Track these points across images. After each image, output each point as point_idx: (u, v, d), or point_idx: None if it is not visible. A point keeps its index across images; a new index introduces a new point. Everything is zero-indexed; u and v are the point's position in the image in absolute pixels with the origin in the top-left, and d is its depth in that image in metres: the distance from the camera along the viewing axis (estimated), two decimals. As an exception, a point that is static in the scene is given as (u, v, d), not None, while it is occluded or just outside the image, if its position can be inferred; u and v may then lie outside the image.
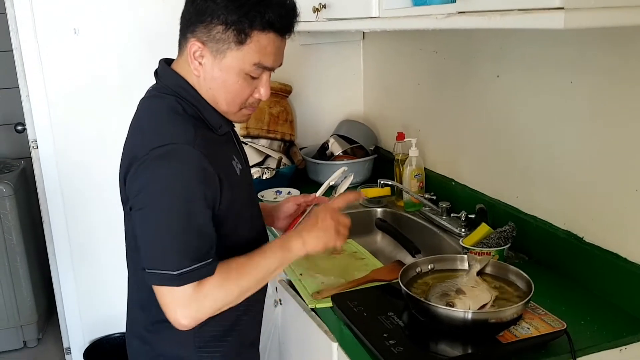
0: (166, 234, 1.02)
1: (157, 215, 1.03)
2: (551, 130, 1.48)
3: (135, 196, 1.05)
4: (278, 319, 1.62)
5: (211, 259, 1.05)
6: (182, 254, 1.02)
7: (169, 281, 1.02)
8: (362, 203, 2.04)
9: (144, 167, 1.03)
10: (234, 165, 1.16)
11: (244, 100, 1.13)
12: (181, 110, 1.10)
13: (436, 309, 1.16)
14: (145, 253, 1.05)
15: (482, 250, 1.48)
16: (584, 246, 1.40)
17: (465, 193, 1.84)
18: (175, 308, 1.03)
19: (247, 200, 1.21)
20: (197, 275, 1.03)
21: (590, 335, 1.21)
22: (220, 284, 1.06)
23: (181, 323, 1.04)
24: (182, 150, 1.03)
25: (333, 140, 2.31)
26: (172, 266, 1.01)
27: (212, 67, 1.09)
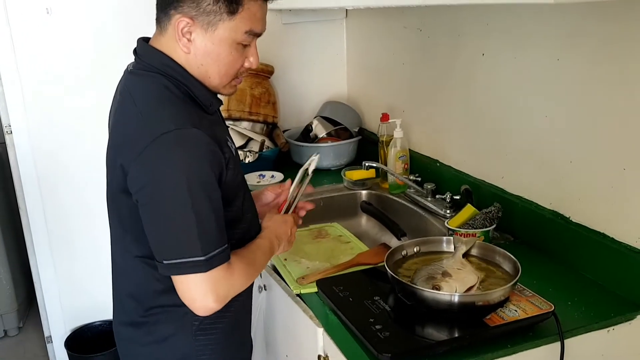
0: (186, 222, 1.00)
1: (175, 202, 1.00)
2: (537, 108, 1.46)
3: (145, 187, 1.01)
4: (263, 305, 1.60)
5: (227, 244, 1.06)
6: (206, 239, 1.01)
7: (197, 268, 1.01)
8: (347, 185, 2.01)
9: (154, 153, 0.99)
10: (229, 145, 1.14)
11: (236, 70, 1.13)
12: (173, 89, 1.07)
13: (422, 292, 1.14)
14: (164, 244, 1.02)
15: (468, 232, 1.47)
16: (571, 226, 1.39)
17: (450, 174, 1.81)
18: (206, 292, 1.02)
19: (242, 183, 1.21)
20: (222, 258, 1.03)
21: (578, 317, 1.20)
22: (243, 266, 1.09)
23: (211, 307, 1.04)
24: (191, 134, 1.01)
25: (317, 122, 2.27)
26: (199, 252, 1.00)
27: (203, 42, 1.07)
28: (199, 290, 1.02)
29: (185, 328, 1.16)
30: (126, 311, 1.22)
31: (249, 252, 1.15)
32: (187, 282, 1.02)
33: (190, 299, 1.04)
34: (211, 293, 1.03)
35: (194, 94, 1.10)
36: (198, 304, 1.04)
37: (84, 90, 2.14)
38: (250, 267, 1.11)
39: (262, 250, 1.18)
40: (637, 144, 1.21)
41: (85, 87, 2.14)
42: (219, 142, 1.07)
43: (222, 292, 1.04)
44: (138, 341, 1.20)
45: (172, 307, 1.13)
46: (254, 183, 2.01)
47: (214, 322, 1.18)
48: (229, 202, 1.12)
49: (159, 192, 1.00)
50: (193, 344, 1.17)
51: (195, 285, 1.02)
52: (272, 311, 1.56)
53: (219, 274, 1.03)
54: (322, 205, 1.90)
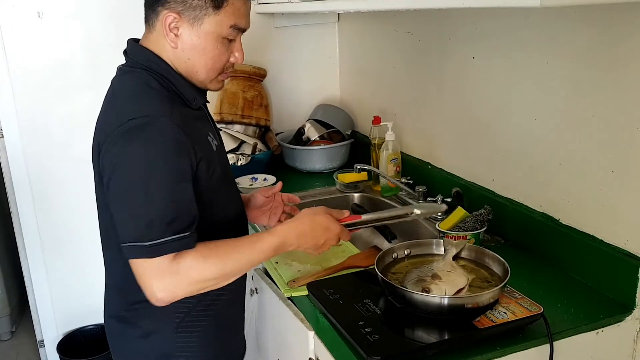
0: (140, 206, 1.00)
1: (132, 187, 1.01)
2: (527, 111, 1.47)
3: (109, 170, 1.03)
4: (255, 308, 1.60)
5: (189, 232, 1.03)
6: (156, 226, 1.00)
7: (142, 253, 1.00)
8: (339, 188, 2.01)
9: (118, 139, 1.01)
10: (209, 141, 1.15)
11: (222, 64, 1.15)
12: (155, 83, 1.10)
13: (412, 294, 1.14)
14: (121, 227, 1.03)
15: (458, 234, 1.47)
16: (561, 229, 1.40)
17: (441, 177, 1.82)
18: (150, 280, 1.01)
19: (224, 179, 1.20)
20: (171, 247, 1.00)
21: (567, 319, 1.21)
22: (198, 262, 1.03)
23: (157, 297, 1.01)
24: (158, 122, 1.02)
25: (309, 125, 2.28)
26: (145, 238, 0.99)
27: (189, 36, 1.10)
28: (143, 277, 1.01)
29: (167, 323, 1.16)
30: (113, 305, 1.23)
31: (227, 243, 1.09)
32: (137, 266, 1.02)
33: (140, 284, 1.03)
34: (157, 280, 1.00)
35: (177, 89, 1.12)
36: (147, 291, 1.02)
37: (75, 94, 2.14)
38: (208, 261, 1.04)
39: (257, 246, 1.11)
40: (626, 147, 1.22)
41: (76, 90, 2.14)
42: (195, 136, 1.08)
43: (167, 282, 1.01)
44: (124, 335, 1.21)
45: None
46: (246, 186, 2.01)
47: (196, 319, 1.18)
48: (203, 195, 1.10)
49: (118, 176, 1.02)
50: (174, 341, 1.17)
51: (141, 271, 1.01)
52: (263, 314, 1.56)
53: (163, 264, 1.00)
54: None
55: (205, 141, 1.13)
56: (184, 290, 1.04)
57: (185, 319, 1.17)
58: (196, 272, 1.03)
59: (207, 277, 1.05)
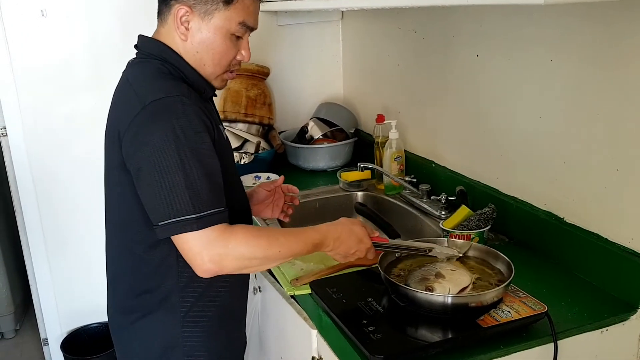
0: (180, 181, 1.02)
1: (168, 164, 1.02)
2: (531, 109, 1.46)
3: (139, 153, 1.04)
4: (258, 306, 1.60)
5: (224, 207, 1.06)
6: (198, 199, 1.02)
7: (189, 226, 1.02)
8: (342, 187, 2.01)
9: (144, 121, 1.04)
10: (221, 129, 1.19)
11: (229, 61, 1.18)
12: (167, 71, 1.13)
13: (415, 293, 1.13)
14: (156, 206, 1.04)
15: (463, 233, 1.47)
16: (565, 227, 1.39)
17: (445, 175, 1.81)
18: (202, 251, 1.03)
19: (233, 169, 1.23)
20: (215, 219, 1.03)
21: (572, 318, 1.20)
22: (248, 239, 1.06)
23: (206, 267, 1.04)
24: (180, 101, 1.05)
25: (312, 123, 2.27)
26: (190, 210, 1.01)
27: (199, 30, 1.13)
28: (193, 250, 1.03)
29: (173, 314, 1.17)
30: (118, 297, 1.24)
31: (273, 230, 1.15)
32: (183, 241, 1.03)
33: (189, 260, 1.05)
34: (205, 253, 1.03)
35: (188, 80, 1.15)
36: (195, 264, 1.05)
37: (79, 92, 2.14)
38: (260, 241, 1.08)
39: (301, 237, 1.15)
40: (630, 145, 1.21)
41: (80, 89, 2.14)
42: (211, 120, 1.11)
43: (216, 253, 1.03)
44: (128, 327, 1.21)
45: (159, 292, 1.15)
46: (249, 184, 2.00)
47: (202, 310, 1.19)
48: None
49: (148, 156, 1.03)
50: (180, 331, 1.18)
51: (189, 245, 1.03)
52: (266, 312, 1.56)
53: (212, 235, 1.03)
54: (318, 206, 1.91)
55: (217, 130, 1.15)
56: (232, 264, 1.06)
57: (193, 308, 1.17)
58: (245, 248, 1.06)
59: (254, 255, 1.08)
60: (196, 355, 1.20)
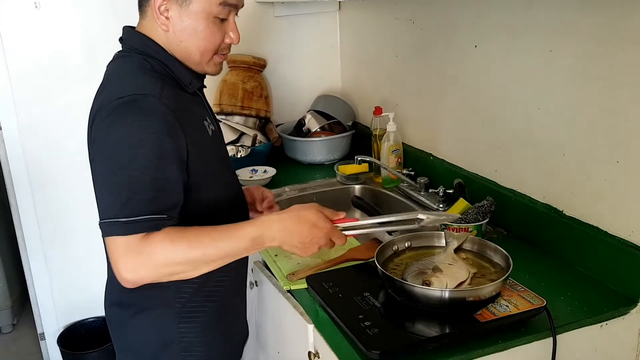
0: (121, 182, 0.98)
1: (115, 164, 0.99)
2: (530, 100, 1.44)
3: (95, 146, 1.04)
4: (254, 301, 1.58)
5: (167, 215, 1.01)
6: (134, 203, 0.97)
7: (115, 230, 0.97)
8: (340, 180, 1.99)
9: (106, 116, 1.02)
10: (205, 125, 1.14)
11: (216, 45, 1.13)
12: (149, 66, 1.10)
13: (412, 288, 1.12)
14: (100, 203, 1.02)
15: (460, 226, 1.45)
16: (564, 220, 1.37)
17: (443, 168, 1.80)
18: (118, 258, 0.97)
19: (220, 164, 1.19)
20: (143, 226, 0.97)
21: (571, 312, 1.19)
22: (164, 245, 0.99)
23: (122, 276, 0.99)
24: (146, 101, 1.02)
25: (310, 116, 2.25)
26: (121, 214, 0.97)
27: (180, 18, 1.09)
28: (113, 254, 0.98)
29: (168, 309, 1.15)
30: (114, 291, 1.21)
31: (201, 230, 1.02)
32: (109, 244, 0.99)
33: (112, 264, 1.00)
34: (122, 261, 0.97)
35: (173, 73, 1.12)
36: (115, 270, 0.99)
37: (73, 85, 2.12)
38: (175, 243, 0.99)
39: (233, 234, 1.04)
40: (630, 137, 1.19)
41: (75, 82, 2.12)
42: (188, 119, 1.07)
43: (131, 262, 0.97)
44: (125, 322, 1.20)
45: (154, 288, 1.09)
46: (246, 178, 1.99)
47: (198, 306, 1.17)
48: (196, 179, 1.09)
49: (102, 153, 1.01)
50: (176, 327, 1.16)
51: (114, 248, 0.98)
52: (262, 307, 1.55)
53: (133, 242, 0.97)
54: (315, 200, 1.89)
55: (200, 125, 1.12)
56: (149, 273, 0.99)
57: (187, 304, 1.16)
58: (160, 255, 0.98)
59: (172, 261, 1.00)
60: (194, 351, 1.19)
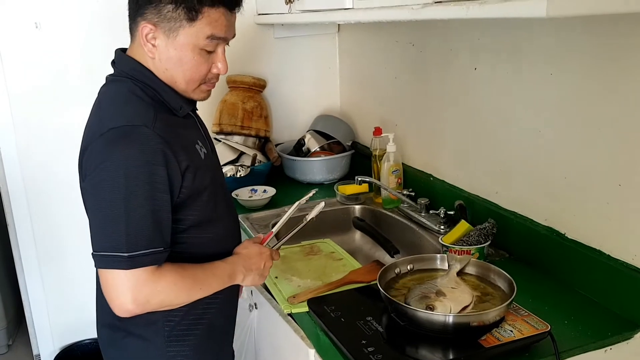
0: (118, 215, 1.00)
1: (109, 195, 1.00)
2: (531, 123, 1.44)
3: (89, 178, 1.04)
4: (254, 324, 1.57)
5: (163, 247, 1.04)
6: (135, 237, 1.00)
7: (118, 264, 0.99)
8: (340, 200, 1.98)
9: (99, 147, 1.03)
10: (197, 149, 1.15)
11: (202, 76, 1.14)
12: (140, 92, 1.10)
13: (415, 312, 1.11)
14: (95, 235, 1.03)
15: (462, 249, 1.44)
16: (566, 243, 1.37)
17: (443, 189, 1.79)
18: (126, 291, 1.00)
19: (214, 187, 1.18)
20: (148, 260, 1.01)
21: (575, 336, 1.17)
22: (176, 283, 1.06)
23: (127, 308, 1.02)
24: (138, 131, 1.02)
25: (309, 136, 2.25)
26: (123, 248, 0.99)
27: (166, 47, 1.10)
28: (117, 288, 1.01)
29: (157, 332, 1.15)
30: (104, 313, 1.21)
31: (196, 268, 1.11)
32: (107, 277, 1.01)
33: (108, 296, 1.02)
34: (130, 293, 1.01)
35: (162, 98, 1.12)
36: (115, 302, 1.02)
37: (72, 105, 2.11)
38: (185, 282, 1.08)
39: (217, 273, 1.15)
40: (633, 160, 1.19)
41: (73, 102, 2.11)
42: (181, 144, 1.08)
43: (142, 296, 1.02)
44: (115, 345, 1.19)
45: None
46: (245, 197, 1.98)
47: (187, 329, 1.17)
48: (192, 204, 1.11)
49: (97, 183, 1.02)
50: (166, 350, 1.16)
51: (114, 282, 1.01)
52: (262, 330, 1.53)
53: (142, 276, 1.01)
54: (315, 220, 1.87)
55: (192, 149, 1.12)
56: (153, 307, 1.05)
57: (176, 327, 1.16)
58: (172, 290, 1.06)
59: (179, 296, 1.08)
60: None
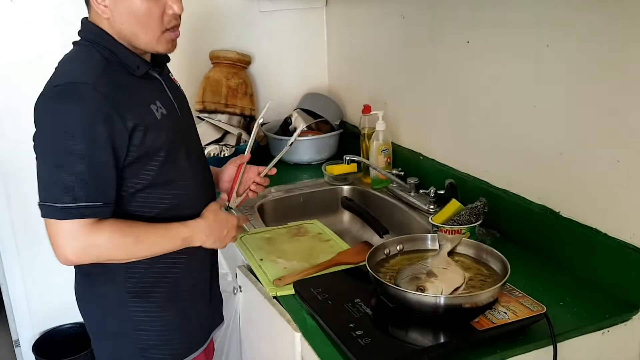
0: (58, 169, 1.04)
1: (50, 149, 1.05)
2: (525, 98, 1.39)
3: (36, 132, 1.07)
4: (239, 307, 1.51)
5: (103, 202, 1.06)
6: (71, 189, 1.03)
7: (55, 213, 1.04)
8: (328, 180, 1.92)
9: (42, 103, 1.07)
10: (153, 109, 1.14)
11: (158, 20, 1.12)
12: (96, 54, 1.12)
13: (406, 294, 1.06)
14: (40, 186, 1.07)
15: (453, 228, 1.40)
16: (561, 221, 1.32)
17: (434, 168, 1.74)
18: (63, 241, 1.05)
19: (173, 148, 1.16)
20: (84, 213, 1.04)
21: (571, 318, 1.14)
22: (112, 239, 1.08)
23: (67, 257, 1.06)
24: (80, 89, 1.04)
25: (296, 114, 2.18)
26: (58, 199, 1.03)
27: (115, 4, 1.10)
28: (57, 237, 1.05)
29: (119, 288, 1.17)
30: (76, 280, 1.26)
31: (144, 228, 1.12)
32: (49, 226, 1.06)
33: (52, 245, 1.07)
34: (67, 243, 1.05)
35: (119, 58, 1.13)
36: (57, 251, 1.07)
37: (49, 81, 2.02)
38: (125, 239, 1.09)
39: (169, 234, 1.15)
40: (631, 135, 1.14)
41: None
42: (130, 104, 1.08)
43: (79, 246, 1.05)
44: (85, 298, 1.24)
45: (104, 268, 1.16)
46: (230, 178, 1.91)
47: (151, 287, 1.18)
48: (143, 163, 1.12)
49: (40, 138, 1.06)
50: (127, 307, 1.18)
51: (54, 230, 1.05)
52: (247, 313, 1.48)
53: (78, 228, 1.04)
54: (302, 201, 1.82)
55: (145, 109, 1.12)
56: (92, 258, 1.09)
57: (138, 284, 1.18)
58: (109, 245, 1.08)
59: (117, 252, 1.10)
60: (148, 330, 1.20)
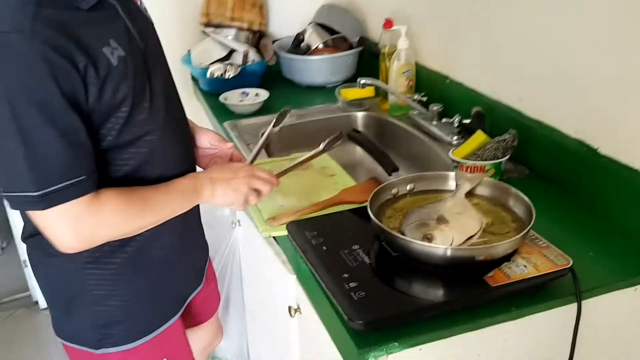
0: (15, 149, 0.83)
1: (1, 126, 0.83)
2: (564, 20, 1.19)
3: None
4: (236, 241, 1.42)
5: (86, 175, 0.88)
6: (41, 171, 0.84)
7: (32, 204, 0.86)
8: (341, 106, 1.76)
9: None
10: (106, 52, 0.89)
11: None
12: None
13: (409, 244, 0.93)
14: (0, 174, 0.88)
15: (475, 164, 1.24)
16: (598, 159, 1.16)
17: (460, 93, 1.56)
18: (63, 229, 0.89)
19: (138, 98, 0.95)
20: (68, 194, 0.86)
21: (600, 271, 1.00)
22: (120, 210, 0.93)
23: (71, 245, 0.91)
24: (9, 41, 0.81)
25: (311, 29, 1.98)
26: (31, 187, 0.85)
27: None
28: (50, 228, 0.89)
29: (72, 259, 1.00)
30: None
31: (145, 190, 0.98)
32: (35, 217, 0.89)
33: (50, 236, 0.91)
34: (70, 231, 0.89)
35: None
36: (57, 242, 0.91)
37: None
38: (134, 206, 0.95)
39: (174, 189, 1.01)
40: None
41: None
42: (77, 45, 0.85)
43: (86, 230, 0.90)
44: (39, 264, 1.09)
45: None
46: (235, 102, 1.76)
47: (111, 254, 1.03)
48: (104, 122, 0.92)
49: None
50: (82, 274, 1.03)
51: (45, 224, 0.89)
52: (245, 249, 1.39)
53: (77, 210, 0.88)
54: (311, 130, 1.67)
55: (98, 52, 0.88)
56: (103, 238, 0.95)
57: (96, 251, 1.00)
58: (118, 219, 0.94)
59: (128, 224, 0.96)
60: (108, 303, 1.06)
